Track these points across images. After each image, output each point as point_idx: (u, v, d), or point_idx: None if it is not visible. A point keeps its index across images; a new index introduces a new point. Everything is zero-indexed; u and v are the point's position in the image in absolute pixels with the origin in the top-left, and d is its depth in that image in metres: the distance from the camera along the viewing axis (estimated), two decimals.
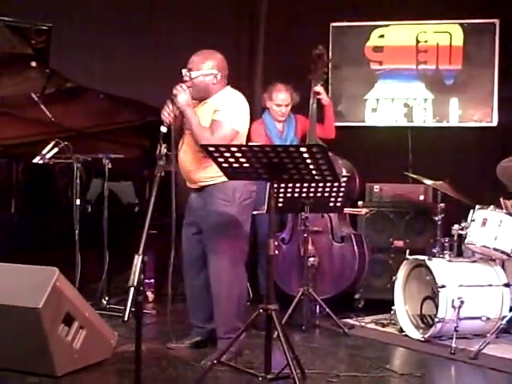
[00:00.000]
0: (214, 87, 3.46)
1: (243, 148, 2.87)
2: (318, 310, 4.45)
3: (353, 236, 4.73)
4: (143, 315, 4.23)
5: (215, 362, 3.04)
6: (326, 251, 4.68)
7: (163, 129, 3.15)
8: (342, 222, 4.79)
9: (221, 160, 2.90)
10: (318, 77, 4.75)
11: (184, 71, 3.42)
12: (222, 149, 2.86)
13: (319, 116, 4.77)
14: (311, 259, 4.40)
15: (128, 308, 2.26)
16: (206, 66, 3.43)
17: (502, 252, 4.02)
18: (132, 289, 2.27)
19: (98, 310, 3.79)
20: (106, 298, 4.49)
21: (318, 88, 4.72)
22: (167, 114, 3.25)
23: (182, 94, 3.30)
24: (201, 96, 3.46)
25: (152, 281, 4.90)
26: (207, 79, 3.43)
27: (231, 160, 2.89)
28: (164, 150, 2.76)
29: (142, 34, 5.54)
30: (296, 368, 2.99)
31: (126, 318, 2.24)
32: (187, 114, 3.33)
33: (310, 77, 4.73)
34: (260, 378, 2.96)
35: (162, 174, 2.75)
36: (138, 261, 2.31)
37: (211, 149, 2.87)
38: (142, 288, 2.30)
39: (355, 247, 4.69)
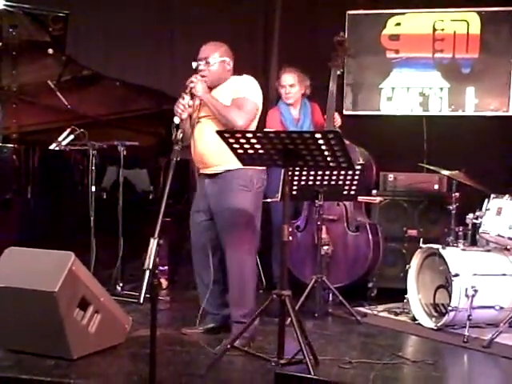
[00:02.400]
0: (226, 73, 3.57)
1: (258, 134, 2.87)
2: (330, 298, 4.47)
3: (368, 225, 4.72)
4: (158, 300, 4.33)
5: (229, 346, 3.06)
6: (341, 240, 4.68)
7: (176, 120, 3.20)
8: (357, 211, 4.79)
9: (236, 146, 2.91)
10: (338, 64, 4.71)
11: (196, 63, 3.47)
12: (238, 135, 2.87)
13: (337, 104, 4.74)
14: (325, 247, 4.40)
15: (144, 290, 2.28)
16: (219, 54, 3.53)
17: None
18: (148, 271, 2.29)
19: (113, 296, 3.81)
20: (121, 284, 4.53)
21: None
22: (182, 106, 3.29)
23: (199, 84, 3.39)
24: (215, 83, 3.54)
25: (166, 268, 4.93)
26: (221, 66, 3.53)
27: (246, 146, 2.89)
28: (180, 135, 2.77)
29: (158, 23, 5.56)
30: (309, 354, 3.01)
31: (141, 301, 2.26)
32: (210, 101, 3.41)
33: (329, 64, 4.69)
34: (273, 363, 2.98)
35: (178, 158, 2.77)
36: (153, 244, 2.33)
37: (227, 135, 2.88)
38: (157, 271, 2.32)
39: (370, 236, 4.68)
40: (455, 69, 5.43)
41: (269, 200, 4.30)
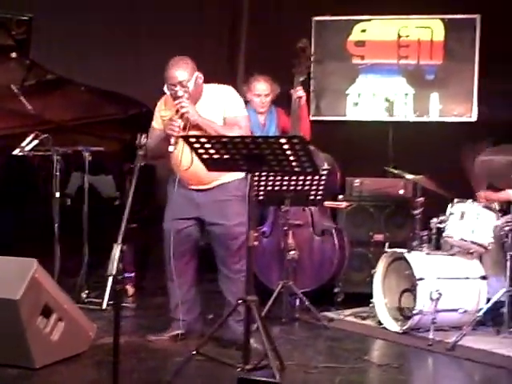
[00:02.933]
0: (201, 85, 3.60)
1: (224, 139, 2.87)
2: (297, 303, 4.47)
3: (333, 230, 4.75)
4: (122, 307, 4.28)
5: (194, 352, 3.05)
6: (307, 245, 4.70)
7: (171, 148, 3.32)
8: (323, 216, 4.81)
9: (201, 151, 2.90)
10: (301, 71, 4.74)
11: (170, 89, 3.50)
12: (203, 140, 2.86)
13: None
14: (291, 253, 4.40)
15: (106, 296, 2.26)
16: (190, 72, 3.53)
17: (479, 245, 4.08)
18: (111, 278, 2.27)
19: (78, 304, 3.78)
20: (86, 292, 4.46)
21: (300, 92, 4.70)
22: (177, 129, 3.34)
23: (190, 108, 3.43)
24: (196, 99, 3.56)
25: (132, 275, 4.87)
26: (196, 82, 3.54)
27: (211, 151, 2.89)
28: (144, 140, 2.75)
29: (124, 27, 5.53)
30: (275, 359, 3.01)
31: (104, 307, 2.24)
32: (205, 123, 3.45)
33: (293, 70, 4.72)
34: (239, 369, 2.97)
35: (142, 163, 2.76)
36: (116, 250, 2.32)
37: (192, 140, 2.87)
38: (120, 277, 2.30)
39: (336, 241, 4.71)
40: (420, 75, 5.50)
41: None
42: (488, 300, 3.99)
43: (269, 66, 5.05)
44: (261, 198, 4.09)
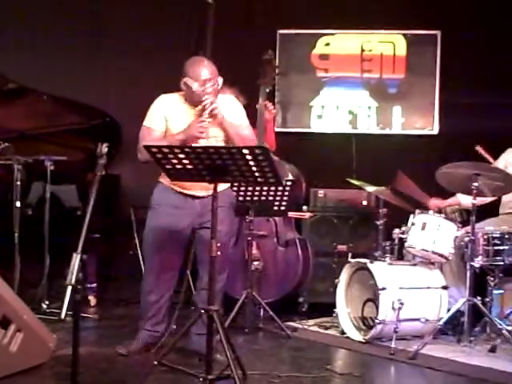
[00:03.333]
0: None
1: (186, 149, 2.87)
2: (261, 314, 4.47)
3: (297, 240, 4.78)
4: (82, 317, 4.23)
5: (156, 363, 3.02)
6: (271, 255, 4.72)
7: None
8: (287, 227, 4.84)
9: (164, 162, 2.90)
10: (266, 82, 4.78)
11: (200, 85, 3.42)
12: (166, 150, 2.86)
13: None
14: (255, 263, 4.42)
15: (65, 306, 2.24)
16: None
17: (440, 255, 4.14)
18: (70, 287, 2.25)
19: (39, 315, 3.72)
20: (46, 302, 4.40)
21: (268, 105, 4.74)
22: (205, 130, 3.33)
23: (218, 106, 3.40)
24: None
25: (94, 285, 4.83)
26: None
27: (174, 161, 2.89)
28: (105, 149, 2.74)
29: (88, 36, 5.49)
30: (237, 369, 3.01)
31: (63, 316, 2.21)
32: (228, 122, 3.45)
33: (258, 82, 4.76)
34: (201, 379, 2.95)
35: (103, 172, 2.73)
36: (76, 259, 2.30)
37: (154, 150, 2.87)
38: (80, 287, 2.28)
39: (299, 251, 4.74)
40: (382, 88, 5.59)
41: None
42: (449, 309, 4.05)
43: (234, 77, 5.07)
44: None
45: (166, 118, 3.49)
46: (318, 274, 4.99)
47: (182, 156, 2.84)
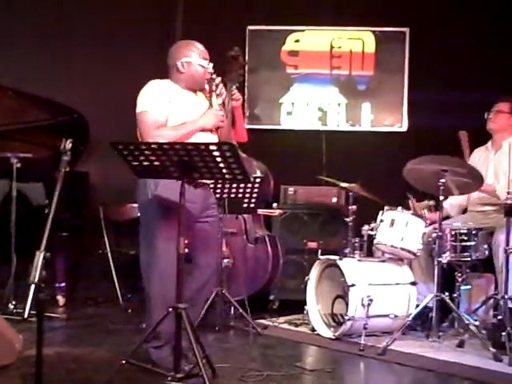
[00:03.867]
0: None
1: (153, 145, 2.84)
2: (232, 311, 4.47)
3: (267, 237, 4.78)
4: (50, 317, 4.19)
5: (124, 362, 2.99)
6: (240, 252, 4.71)
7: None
8: (256, 224, 4.84)
9: (130, 158, 2.86)
10: (233, 78, 4.75)
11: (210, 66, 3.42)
12: (132, 147, 2.83)
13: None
14: (225, 261, 4.41)
15: (28, 305, 2.20)
16: None
17: (409, 251, 4.17)
18: (33, 286, 2.21)
19: (5, 315, 3.67)
20: (13, 302, 4.34)
21: (236, 95, 4.72)
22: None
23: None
24: None
25: (63, 284, 4.77)
26: None
27: (141, 158, 2.85)
28: (69, 145, 2.69)
29: (54, 32, 5.41)
30: (206, 367, 2.99)
31: (25, 316, 2.17)
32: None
33: (224, 79, 4.74)
34: (169, 378, 2.93)
35: (67, 169, 2.68)
36: (39, 257, 2.26)
37: (120, 146, 2.83)
38: (43, 285, 2.24)
39: (269, 248, 4.74)
40: (352, 85, 5.61)
41: None
42: (418, 305, 4.08)
43: None
44: None
45: (169, 103, 3.28)
46: (289, 271, 5.00)
47: (148, 153, 2.81)
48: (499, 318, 3.85)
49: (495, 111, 4.49)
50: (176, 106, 3.29)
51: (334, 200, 5.16)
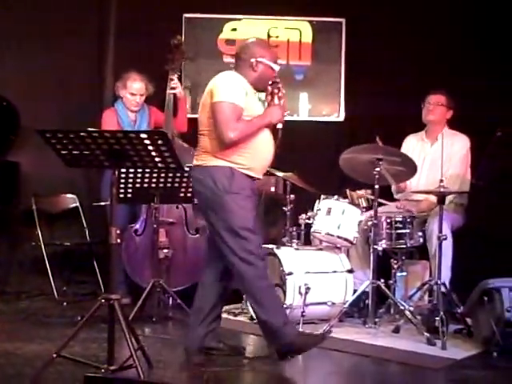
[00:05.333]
0: None
1: (82, 134, 2.77)
2: (170, 302, 4.43)
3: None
4: None
5: (55, 355, 2.93)
6: (181, 243, 4.67)
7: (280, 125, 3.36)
8: (196, 214, 4.79)
9: (59, 147, 2.79)
10: (175, 67, 4.72)
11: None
12: (60, 135, 2.75)
13: (173, 109, 4.76)
14: (165, 251, 4.37)
15: None
16: None
17: (345, 239, 4.21)
18: None
19: None
20: None
21: (175, 83, 4.70)
22: None
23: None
24: None
25: None
26: None
27: (70, 147, 2.78)
28: None
29: None
30: (141, 358, 2.96)
31: None
32: None
33: (166, 67, 4.69)
34: (103, 370, 2.88)
35: None
36: None
37: (48, 135, 2.75)
38: None
39: None
40: (289, 75, 5.58)
41: (102, 203, 4.21)
42: (354, 292, 4.13)
43: (139, 61, 4.98)
44: (129, 195, 4.01)
45: (246, 96, 3.33)
46: None
47: (77, 141, 2.74)
48: (433, 303, 3.93)
49: (435, 104, 4.57)
50: (249, 101, 3.34)
51: (273, 189, 5.16)
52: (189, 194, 4.19)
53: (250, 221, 3.29)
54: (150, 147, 2.74)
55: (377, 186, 4.01)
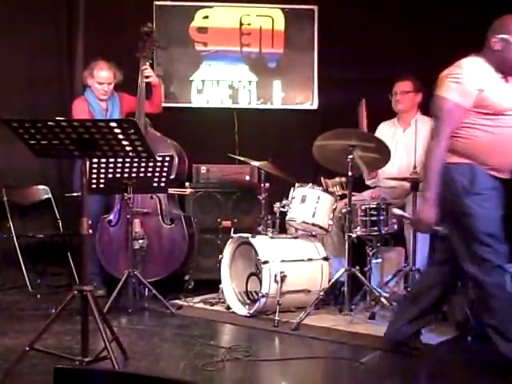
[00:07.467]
0: None
1: (49, 123, 2.71)
2: (146, 293, 4.39)
3: (182, 217, 4.72)
4: None
5: (27, 349, 2.88)
6: (156, 233, 4.64)
7: None
8: (171, 204, 4.77)
9: (26, 137, 2.73)
10: (147, 55, 4.69)
11: None
12: (27, 124, 2.69)
13: (147, 93, 4.72)
14: (140, 241, 4.32)
15: None
16: None
17: (320, 227, 4.21)
18: None
19: None
20: None
21: (148, 71, 4.66)
22: None
23: None
24: None
25: None
26: None
27: (38, 136, 2.73)
28: None
29: None
30: (117, 350, 2.93)
31: None
32: None
33: (137, 55, 4.65)
34: (77, 362, 2.85)
35: None
36: None
37: (15, 124, 2.69)
38: None
39: (185, 228, 4.68)
40: (262, 63, 5.56)
41: (75, 194, 4.16)
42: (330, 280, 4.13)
43: (109, 50, 4.91)
44: (101, 185, 3.96)
45: (479, 90, 2.87)
46: (203, 250, 4.97)
47: (45, 131, 2.68)
48: (408, 289, 3.95)
49: (401, 92, 4.57)
50: (488, 95, 2.88)
51: (247, 178, 5.15)
52: (162, 184, 4.14)
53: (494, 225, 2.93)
54: (121, 136, 2.69)
55: (350, 173, 3.99)
